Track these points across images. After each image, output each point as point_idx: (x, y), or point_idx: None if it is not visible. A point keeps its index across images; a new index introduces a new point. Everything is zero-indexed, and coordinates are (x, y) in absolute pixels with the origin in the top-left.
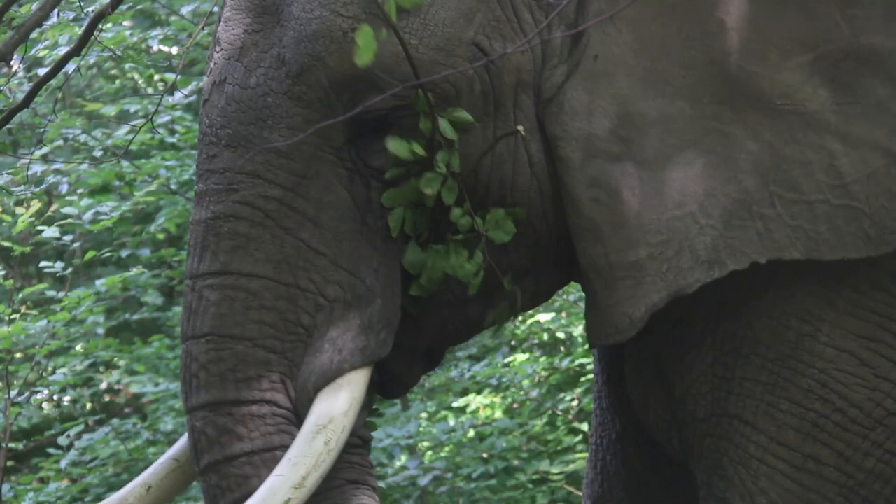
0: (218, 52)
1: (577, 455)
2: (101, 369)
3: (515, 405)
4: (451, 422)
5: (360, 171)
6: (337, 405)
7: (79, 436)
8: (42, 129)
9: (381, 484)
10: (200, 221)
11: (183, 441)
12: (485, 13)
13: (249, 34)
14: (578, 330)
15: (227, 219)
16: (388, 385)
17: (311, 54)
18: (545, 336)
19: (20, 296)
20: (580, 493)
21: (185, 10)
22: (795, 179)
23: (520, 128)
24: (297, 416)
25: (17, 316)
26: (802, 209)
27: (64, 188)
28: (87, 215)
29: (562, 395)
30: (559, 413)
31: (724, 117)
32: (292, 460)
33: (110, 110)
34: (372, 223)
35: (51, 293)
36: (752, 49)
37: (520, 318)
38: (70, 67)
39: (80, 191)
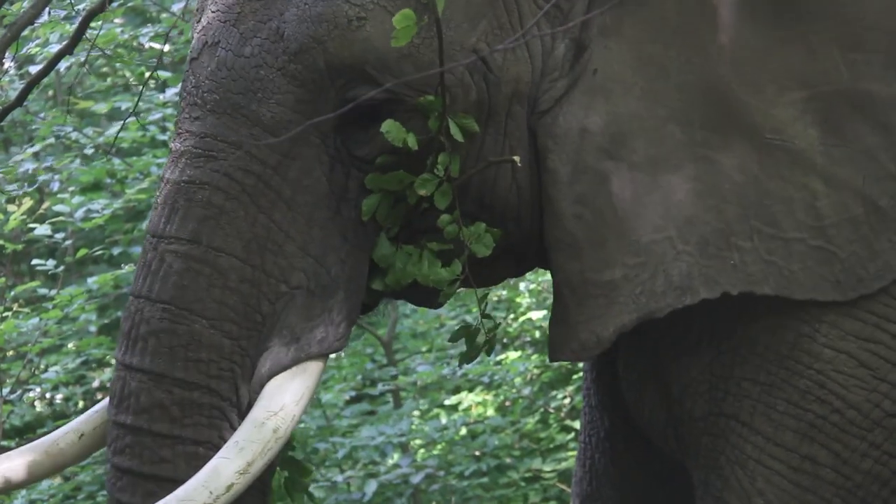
0: (213, 13)
1: (570, 453)
2: (94, 367)
3: (507, 403)
4: (444, 420)
5: (342, 160)
6: (289, 393)
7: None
8: (34, 127)
9: (373, 482)
10: (174, 182)
11: None
12: (490, 20)
13: (249, 1)
14: None
15: (203, 186)
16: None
17: (313, 36)
18: (537, 334)
19: (12, 293)
20: None
21: (176, 8)
22: (775, 216)
23: (516, 158)
24: (237, 409)
25: (9, 314)
26: (778, 245)
27: (55, 186)
28: (79, 213)
29: (554, 392)
30: (551, 411)
31: (713, 144)
32: (239, 444)
33: (101, 108)
34: (346, 213)
35: (43, 291)
36: (750, 80)
37: (511, 315)
38: (62, 65)
39: (71, 188)
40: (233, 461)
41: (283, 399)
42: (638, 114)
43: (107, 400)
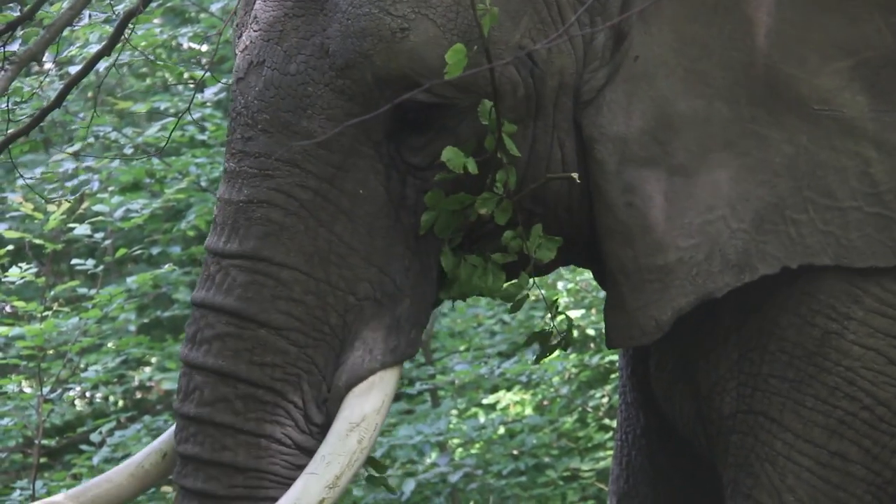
0: (255, 31)
1: (608, 452)
2: (133, 366)
3: (546, 402)
4: (482, 419)
5: (397, 167)
6: (369, 403)
7: (111, 432)
8: (74, 128)
9: (411, 481)
10: (232, 202)
11: None
12: (531, 16)
13: (290, 18)
14: None
15: (261, 204)
16: None
17: (359, 51)
18: (575, 333)
19: (52, 293)
20: None
21: (215, 8)
22: (829, 185)
23: (575, 175)
24: (304, 412)
25: (49, 313)
26: (835, 215)
27: (95, 186)
28: (118, 213)
29: (592, 391)
30: (589, 410)
31: (761, 120)
32: (326, 458)
33: (140, 108)
34: (406, 220)
35: (82, 290)
36: (792, 52)
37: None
38: (101, 66)
39: (110, 188)
40: (322, 476)
41: (363, 410)
42: (683, 95)
43: None
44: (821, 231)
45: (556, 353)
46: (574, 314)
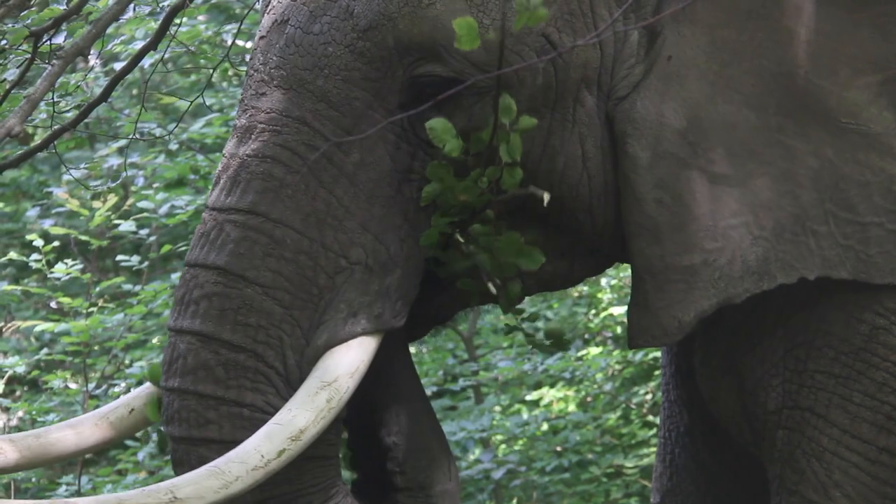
0: None
1: (651, 449)
2: None
3: (589, 399)
4: (525, 415)
5: (407, 139)
6: (344, 365)
7: (156, 428)
8: (119, 124)
9: None
10: (236, 156)
11: None
12: (560, 5)
13: None
14: None
15: (265, 159)
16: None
17: (383, 13)
18: (619, 329)
19: (97, 289)
20: None
21: (260, 4)
22: (852, 199)
23: (546, 196)
24: (284, 378)
25: (94, 309)
26: (855, 230)
27: (140, 181)
28: (163, 209)
29: (636, 388)
30: (633, 406)
31: (787, 130)
32: (292, 411)
33: (185, 104)
34: (408, 193)
35: (127, 287)
36: (823, 64)
37: (593, 311)
38: (145, 62)
39: (155, 185)
40: (285, 427)
41: (337, 371)
42: (713, 99)
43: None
44: (840, 244)
45: (600, 349)
46: (617, 310)
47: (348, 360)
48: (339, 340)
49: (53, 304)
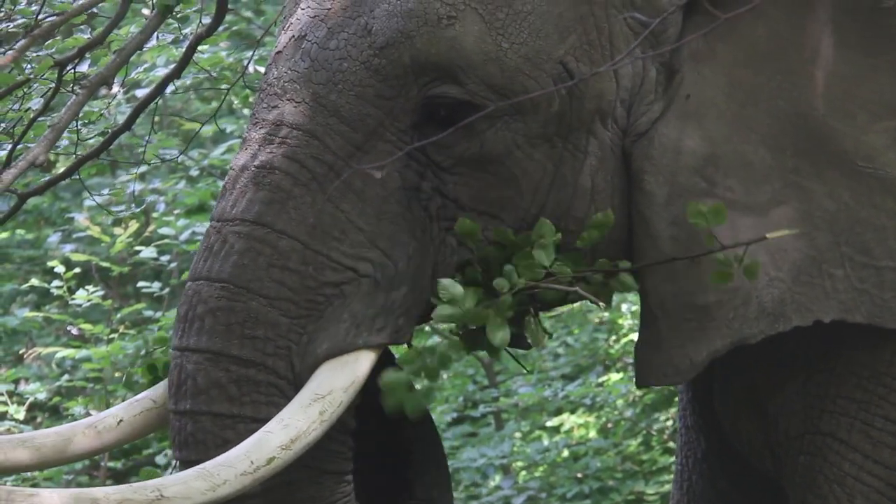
0: (303, 10)
1: (672, 475)
2: None
3: (610, 425)
4: (546, 441)
5: (417, 159)
6: (340, 378)
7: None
8: (140, 150)
9: None
10: (244, 168)
11: (163, 385)
12: (580, 35)
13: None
14: None
15: (273, 170)
16: None
17: (401, 30)
18: None
19: (118, 316)
20: None
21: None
22: (868, 243)
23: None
24: (295, 386)
25: (115, 335)
26: (871, 274)
27: (161, 207)
28: (184, 235)
29: (656, 414)
30: (654, 433)
31: (803, 171)
32: (284, 421)
33: (206, 130)
34: (416, 212)
35: (148, 313)
36: (841, 107)
37: (613, 336)
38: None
39: (176, 211)
40: (276, 435)
41: (332, 384)
42: (730, 139)
43: (151, 390)
44: (856, 288)
45: (620, 375)
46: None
47: (344, 375)
48: (340, 351)
49: (74, 331)
